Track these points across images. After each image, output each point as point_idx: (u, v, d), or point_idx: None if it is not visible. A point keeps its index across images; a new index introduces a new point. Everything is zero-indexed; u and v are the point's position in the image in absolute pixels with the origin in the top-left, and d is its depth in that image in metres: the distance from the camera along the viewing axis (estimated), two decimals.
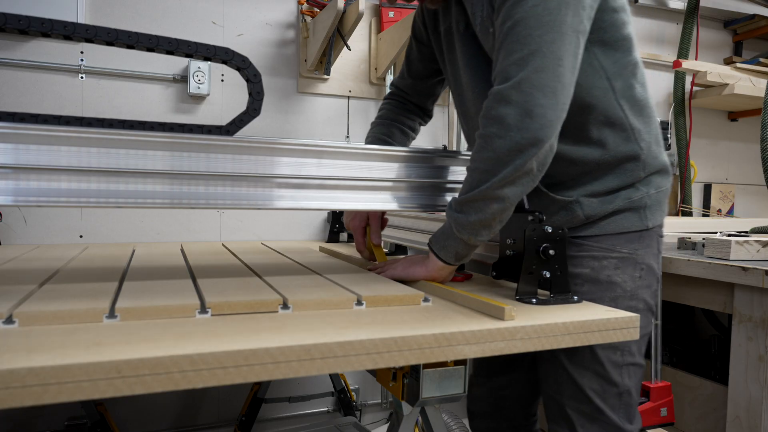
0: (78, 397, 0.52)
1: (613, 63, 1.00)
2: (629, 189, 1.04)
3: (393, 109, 1.38)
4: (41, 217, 1.75)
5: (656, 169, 1.07)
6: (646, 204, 1.05)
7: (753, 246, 1.36)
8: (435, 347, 0.68)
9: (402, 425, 1.00)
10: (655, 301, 1.15)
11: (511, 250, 0.93)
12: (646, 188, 1.05)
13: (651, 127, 1.06)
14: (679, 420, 1.62)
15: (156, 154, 0.81)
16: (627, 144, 1.02)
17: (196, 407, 1.93)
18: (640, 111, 1.04)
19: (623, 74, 1.01)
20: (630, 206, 1.04)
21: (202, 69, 1.87)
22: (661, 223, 1.09)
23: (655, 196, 1.07)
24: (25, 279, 0.91)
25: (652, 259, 1.07)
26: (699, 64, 2.58)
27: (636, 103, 1.03)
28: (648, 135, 1.05)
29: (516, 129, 0.84)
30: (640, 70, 1.05)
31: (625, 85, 1.02)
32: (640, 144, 1.03)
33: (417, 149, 1.04)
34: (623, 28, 1.01)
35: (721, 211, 2.90)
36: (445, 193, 1.07)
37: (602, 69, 0.99)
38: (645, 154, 1.04)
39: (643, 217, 1.05)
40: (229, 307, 0.75)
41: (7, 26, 1.24)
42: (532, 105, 0.84)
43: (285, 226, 2.04)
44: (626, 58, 1.02)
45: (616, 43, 1.00)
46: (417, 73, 1.34)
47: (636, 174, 1.04)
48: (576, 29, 0.88)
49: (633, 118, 1.02)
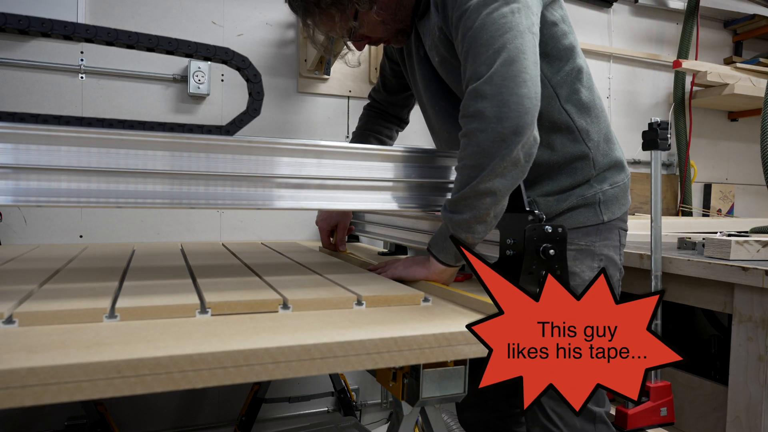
0: (78, 397, 0.52)
1: (556, 72, 1.08)
2: (582, 186, 1.11)
3: (370, 120, 1.51)
4: (41, 217, 1.75)
5: (608, 166, 1.14)
6: (600, 199, 1.12)
7: (753, 246, 1.36)
8: (435, 347, 0.68)
9: (402, 425, 1.00)
10: (618, 291, 1.21)
11: (511, 250, 0.93)
12: (600, 185, 1.13)
13: (599, 127, 1.13)
14: (679, 420, 1.61)
15: (156, 154, 0.81)
16: (575, 145, 1.10)
17: (196, 407, 1.93)
18: (587, 113, 1.11)
19: (567, 81, 1.09)
20: (584, 203, 1.11)
21: (202, 69, 1.87)
22: (619, 216, 1.15)
23: (611, 191, 1.14)
24: (25, 279, 0.91)
25: (612, 250, 1.14)
26: (699, 64, 2.58)
27: (582, 106, 1.10)
28: (596, 135, 1.12)
29: (496, 120, 0.87)
30: (585, 74, 1.12)
31: (569, 91, 1.09)
32: (588, 144, 1.10)
33: (417, 149, 1.04)
34: (563, 38, 1.08)
35: (721, 211, 2.90)
36: (445, 193, 1.07)
37: (546, 79, 1.05)
38: (594, 152, 1.11)
39: (598, 212, 1.12)
40: (229, 307, 0.75)
41: (7, 26, 1.24)
42: (507, 95, 0.87)
43: (285, 226, 2.04)
44: (569, 66, 1.09)
45: (558, 54, 1.08)
46: (390, 88, 1.46)
47: (587, 172, 1.11)
48: (530, 30, 0.94)
49: (579, 120, 1.09)
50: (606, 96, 2.69)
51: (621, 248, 1.18)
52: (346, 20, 1.10)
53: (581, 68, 1.11)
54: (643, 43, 2.77)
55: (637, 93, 2.77)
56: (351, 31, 1.13)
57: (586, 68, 1.13)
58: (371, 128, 1.49)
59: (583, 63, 1.12)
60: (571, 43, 1.10)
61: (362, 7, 1.08)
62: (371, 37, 1.18)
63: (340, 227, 1.47)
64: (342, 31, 1.13)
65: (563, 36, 1.08)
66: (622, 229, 1.18)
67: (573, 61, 1.10)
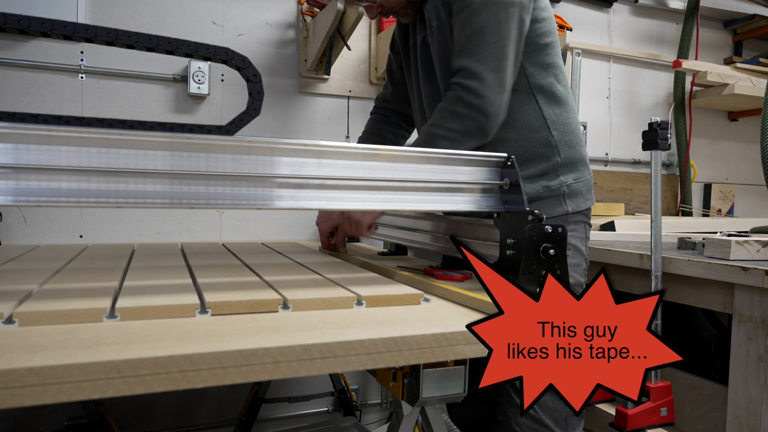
0: (78, 397, 0.52)
1: (534, 64, 1.21)
2: (548, 176, 1.23)
3: (376, 124, 1.60)
4: (41, 217, 1.75)
5: (573, 159, 1.25)
6: (564, 192, 1.23)
7: (753, 246, 1.36)
8: (435, 347, 0.68)
9: (402, 425, 1.00)
10: (585, 279, 1.28)
11: (511, 249, 0.93)
12: (565, 176, 1.24)
13: (568, 120, 1.25)
14: (679, 420, 1.61)
15: (156, 154, 0.81)
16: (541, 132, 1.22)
17: (196, 407, 1.93)
18: (556, 105, 1.23)
19: (542, 74, 1.22)
20: (549, 194, 1.22)
21: (202, 69, 1.87)
22: (582, 210, 1.26)
23: (575, 185, 1.25)
24: (25, 279, 0.91)
25: (578, 241, 1.25)
26: (699, 64, 2.58)
27: (553, 98, 1.23)
28: (563, 126, 1.24)
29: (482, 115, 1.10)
30: (560, 72, 1.25)
31: (543, 83, 1.22)
32: (553, 132, 1.22)
33: (417, 149, 1.04)
34: (546, 36, 1.22)
35: (721, 211, 2.90)
36: (446, 192, 1.07)
37: (522, 68, 1.20)
38: (558, 142, 1.22)
39: (562, 203, 1.23)
40: (229, 306, 0.75)
41: (7, 26, 1.24)
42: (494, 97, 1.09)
43: (285, 226, 2.04)
44: (546, 61, 1.23)
45: (538, 48, 1.21)
46: (398, 80, 1.54)
47: (552, 160, 1.22)
48: (520, 34, 1.13)
49: (548, 110, 1.22)
50: (606, 96, 2.69)
51: (586, 240, 1.28)
52: None
53: (558, 65, 1.24)
54: (643, 43, 2.77)
55: (637, 93, 2.77)
56: None
57: (563, 67, 1.26)
58: (377, 133, 1.56)
59: (560, 62, 1.25)
60: (552, 41, 1.23)
61: None
62: (384, 5, 1.30)
63: (341, 229, 1.49)
64: None
65: (546, 34, 1.22)
66: (586, 223, 1.28)
67: (551, 57, 1.23)
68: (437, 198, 1.06)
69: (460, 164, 1.07)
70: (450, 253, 1.20)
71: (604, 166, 2.68)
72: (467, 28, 1.11)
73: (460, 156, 1.08)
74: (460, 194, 1.01)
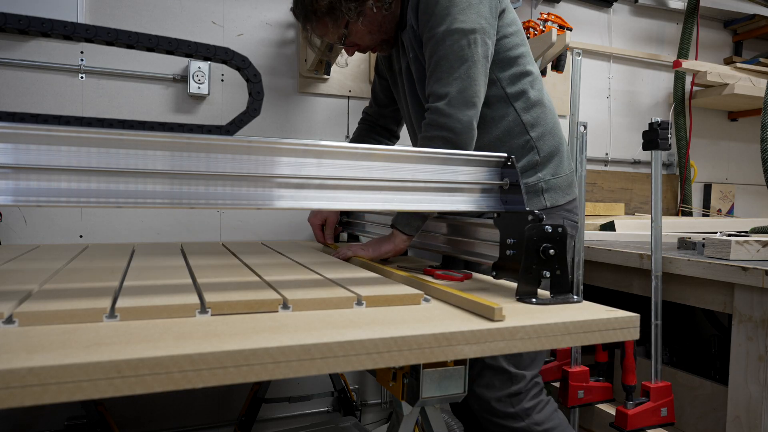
0: (78, 397, 0.52)
1: (507, 75, 1.29)
2: (526, 173, 1.29)
3: (363, 132, 1.69)
4: (41, 217, 1.75)
5: (552, 155, 1.32)
6: (543, 188, 1.30)
7: (753, 246, 1.36)
8: (435, 347, 0.68)
9: (402, 425, 1.00)
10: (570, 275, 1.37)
11: (511, 249, 0.93)
12: (543, 173, 1.31)
13: (545, 122, 1.32)
14: (679, 420, 1.62)
15: (156, 154, 0.81)
16: (520, 136, 1.29)
17: (196, 407, 1.93)
18: (532, 109, 1.31)
19: (516, 82, 1.30)
20: (528, 190, 1.29)
21: (202, 69, 1.87)
22: (562, 204, 1.32)
23: (553, 181, 1.31)
24: (25, 279, 0.91)
25: None
26: (699, 64, 2.58)
27: (528, 102, 1.30)
28: (541, 128, 1.31)
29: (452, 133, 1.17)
30: (534, 78, 1.33)
31: (518, 91, 1.30)
32: (531, 134, 1.30)
33: (417, 149, 1.04)
34: (515, 48, 1.30)
35: (721, 211, 2.90)
36: (444, 192, 1.07)
37: (497, 80, 1.29)
38: (537, 142, 1.30)
39: (542, 198, 1.30)
40: (229, 306, 0.75)
41: (7, 26, 1.24)
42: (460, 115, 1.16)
43: (285, 226, 2.04)
44: (518, 70, 1.30)
45: (510, 60, 1.29)
46: (381, 102, 1.65)
47: (532, 158, 1.30)
48: (485, 56, 1.21)
49: (525, 115, 1.30)
50: (606, 96, 2.69)
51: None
52: (338, 28, 1.33)
53: (531, 72, 1.32)
54: (643, 43, 2.77)
55: (637, 93, 2.77)
56: (342, 38, 1.35)
57: (536, 73, 1.34)
58: (362, 141, 1.66)
59: (533, 69, 1.33)
60: (522, 52, 1.31)
61: (351, 18, 1.29)
62: (360, 44, 1.38)
63: (329, 223, 1.64)
64: (334, 37, 1.36)
65: (515, 47, 1.30)
66: (568, 219, 1.34)
67: (523, 66, 1.31)
68: (437, 198, 1.06)
69: (460, 164, 1.07)
70: (450, 253, 1.20)
71: (604, 166, 2.68)
72: (434, 56, 1.19)
73: (460, 156, 1.08)
74: (460, 194, 1.01)
